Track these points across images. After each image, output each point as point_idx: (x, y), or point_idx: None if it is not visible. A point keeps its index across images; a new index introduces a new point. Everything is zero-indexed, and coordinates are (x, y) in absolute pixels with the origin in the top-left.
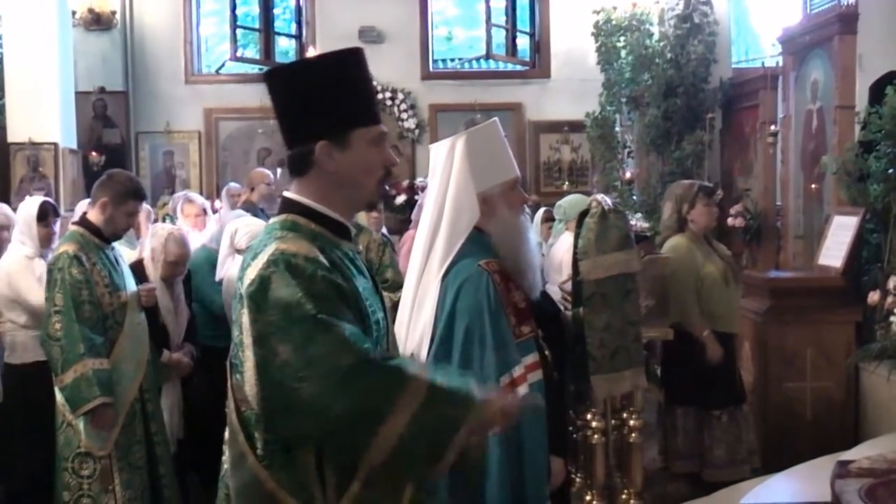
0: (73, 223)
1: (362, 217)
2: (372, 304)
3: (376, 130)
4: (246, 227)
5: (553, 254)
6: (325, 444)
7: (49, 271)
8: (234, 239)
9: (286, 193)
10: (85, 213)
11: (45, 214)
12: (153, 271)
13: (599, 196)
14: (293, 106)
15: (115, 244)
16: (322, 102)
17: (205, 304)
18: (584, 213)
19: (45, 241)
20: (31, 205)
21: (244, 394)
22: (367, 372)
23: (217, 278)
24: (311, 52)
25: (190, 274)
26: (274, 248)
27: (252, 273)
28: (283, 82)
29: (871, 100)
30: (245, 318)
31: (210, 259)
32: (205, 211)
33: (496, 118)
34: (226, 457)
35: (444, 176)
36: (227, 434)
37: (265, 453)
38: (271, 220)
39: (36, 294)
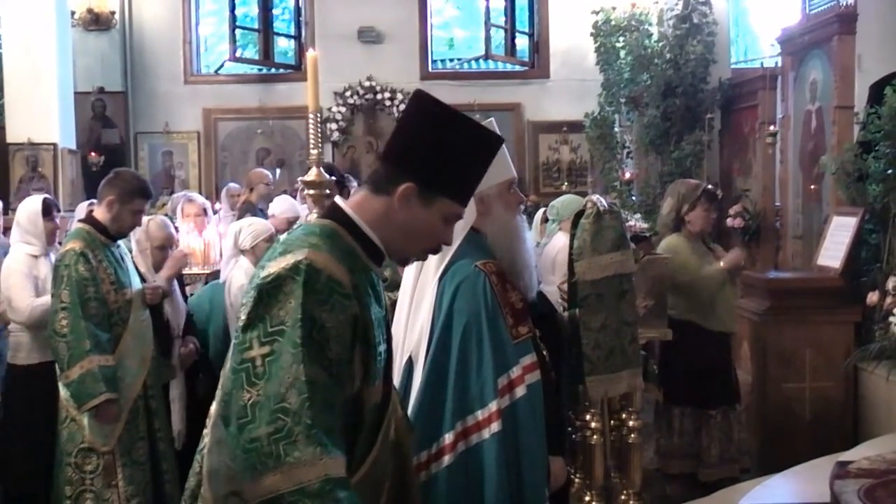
0: (80, 220)
1: None
2: (378, 335)
3: (457, 210)
4: (249, 226)
5: (546, 253)
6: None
7: (55, 268)
8: (238, 239)
9: (339, 201)
10: (91, 211)
11: (49, 209)
12: (142, 262)
13: (595, 196)
14: (418, 136)
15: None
16: (441, 154)
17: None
18: (579, 214)
19: (51, 237)
20: (33, 202)
21: None
22: (296, 424)
23: (221, 279)
24: (311, 53)
25: (182, 274)
26: (304, 254)
27: (273, 268)
28: (425, 111)
29: (871, 100)
30: (249, 305)
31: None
32: (205, 211)
33: (492, 118)
34: (206, 431)
35: None
36: (212, 410)
37: None
38: (313, 220)
39: (24, 304)
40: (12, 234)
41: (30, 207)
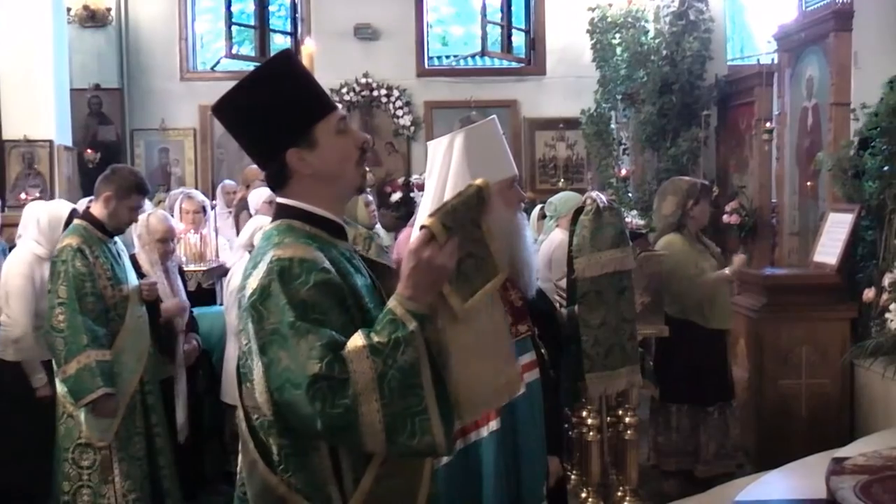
0: (77, 216)
1: (361, 211)
2: (371, 300)
3: (335, 117)
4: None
5: (543, 250)
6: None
7: (53, 264)
8: (254, 237)
9: (278, 199)
10: (88, 207)
11: (71, 221)
12: (145, 258)
13: (594, 193)
14: (250, 128)
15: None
16: (273, 113)
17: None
18: (579, 211)
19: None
20: (61, 208)
21: (255, 402)
22: (329, 378)
23: (229, 264)
24: (307, 45)
25: (183, 271)
26: (271, 255)
27: (254, 282)
28: (230, 111)
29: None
30: (251, 327)
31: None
32: (204, 209)
33: (494, 116)
34: (241, 464)
35: (442, 173)
36: (240, 443)
37: (280, 458)
38: (267, 227)
39: (24, 321)
40: (28, 230)
41: (55, 213)
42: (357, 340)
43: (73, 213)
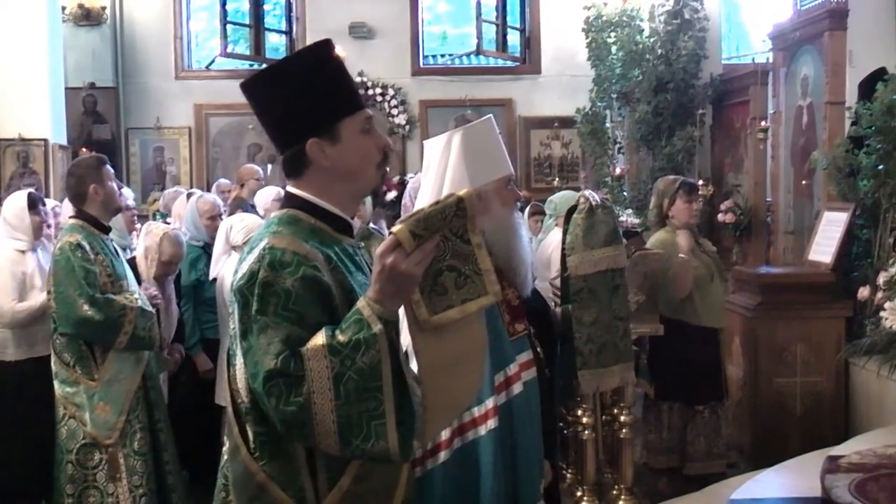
0: (71, 217)
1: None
2: None
3: (362, 116)
4: (241, 222)
5: (542, 249)
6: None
7: (55, 262)
8: (229, 236)
9: (288, 188)
10: (80, 209)
11: (35, 203)
12: (145, 269)
13: (587, 192)
14: (275, 110)
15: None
16: (302, 101)
17: None
18: (572, 209)
19: (38, 231)
20: (19, 197)
21: (237, 385)
22: (285, 374)
23: (211, 276)
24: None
25: (180, 274)
26: (266, 242)
27: (244, 267)
28: (260, 89)
29: (861, 95)
30: (237, 312)
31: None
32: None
33: (491, 115)
34: (226, 448)
35: (440, 172)
36: (226, 426)
37: (256, 446)
38: (272, 215)
39: (7, 307)
40: (1, 229)
41: (15, 203)
42: (318, 339)
43: (31, 195)
